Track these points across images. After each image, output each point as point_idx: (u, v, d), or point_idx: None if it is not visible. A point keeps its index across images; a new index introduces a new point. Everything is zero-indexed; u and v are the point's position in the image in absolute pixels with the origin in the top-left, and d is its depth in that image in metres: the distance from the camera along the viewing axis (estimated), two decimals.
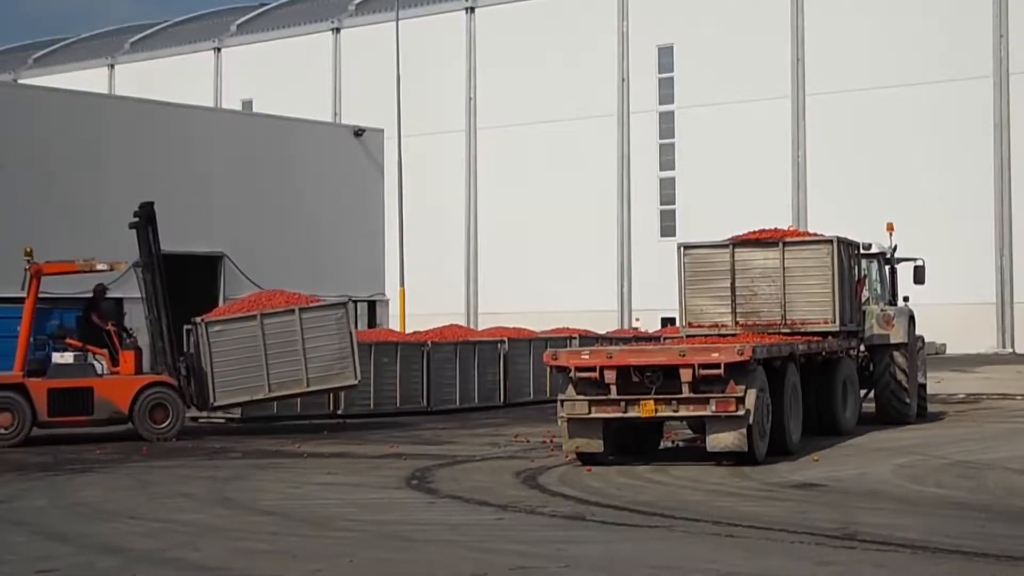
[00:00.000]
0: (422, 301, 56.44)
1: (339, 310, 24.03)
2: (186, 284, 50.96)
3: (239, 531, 12.58)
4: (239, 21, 76.20)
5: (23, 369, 22.31)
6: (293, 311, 23.51)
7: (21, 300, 23.05)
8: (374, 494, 15.05)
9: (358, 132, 58.05)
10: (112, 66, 78.27)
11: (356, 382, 24.38)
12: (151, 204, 23.42)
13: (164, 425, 22.64)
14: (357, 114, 63.70)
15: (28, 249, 22.95)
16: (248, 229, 52.50)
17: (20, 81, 72.76)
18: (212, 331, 23.20)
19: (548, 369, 22.09)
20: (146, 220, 23.16)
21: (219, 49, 74.34)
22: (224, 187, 52.78)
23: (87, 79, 72.33)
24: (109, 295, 26.40)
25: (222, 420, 25.64)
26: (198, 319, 23.63)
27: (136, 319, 25.46)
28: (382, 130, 57.43)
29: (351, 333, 23.95)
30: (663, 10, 60.27)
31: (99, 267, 23.23)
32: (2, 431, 21.74)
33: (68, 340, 23.32)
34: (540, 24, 63.16)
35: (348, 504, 14.31)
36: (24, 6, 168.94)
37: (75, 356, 22.92)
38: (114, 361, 23.22)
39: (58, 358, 22.81)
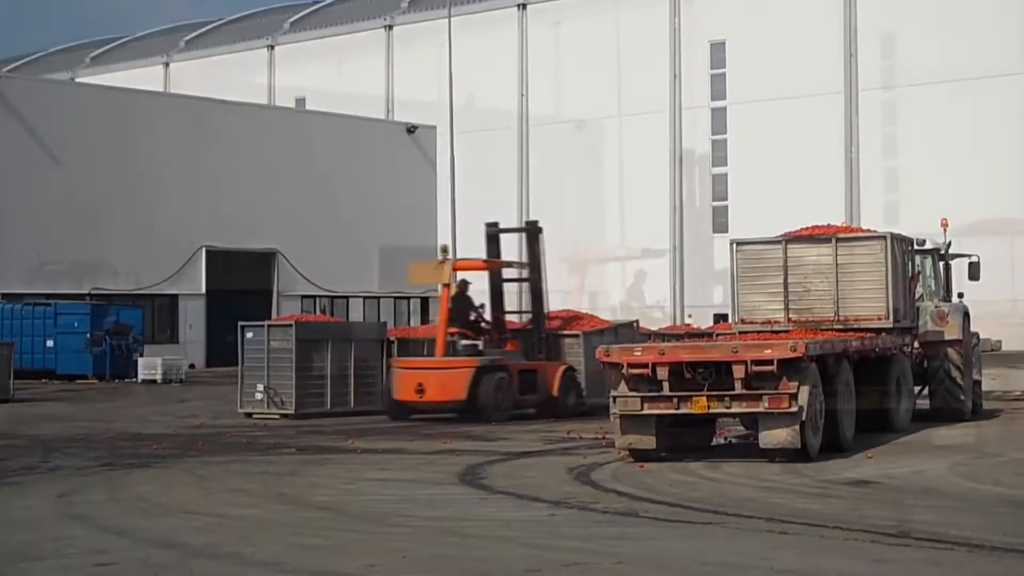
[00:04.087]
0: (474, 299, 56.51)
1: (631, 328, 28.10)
2: (239, 280, 51.52)
3: (294, 526, 12.67)
4: (292, 19, 76.58)
5: (443, 355, 24.47)
6: (604, 331, 27.15)
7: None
8: (428, 490, 15.11)
9: (411, 129, 58.27)
10: (167, 64, 78.83)
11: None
12: (536, 222, 27.32)
13: (570, 406, 25.57)
14: (409, 111, 63.88)
15: (444, 247, 25.34)
16: (301, 226, 52.85)
17: (77, 80, 73.48)
18: (586, 342, 26.15)
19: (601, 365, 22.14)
20: (534, 233, 26.76)
21: (272, 47, 74.71)
22: (277, 184, 53.14)
23: (142, 77, 72.84)
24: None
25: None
26: (572, 330, 26.65)
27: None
28: (434, 127, 57.56)
29: None
30: (715, 6, 60.05)
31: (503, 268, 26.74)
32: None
33: (459, 330, 25.18)
34: (592, 20, 63.08)
35: (402, 500, 14.38)
36: (80, 6, 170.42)
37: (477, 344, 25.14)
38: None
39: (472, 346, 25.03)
